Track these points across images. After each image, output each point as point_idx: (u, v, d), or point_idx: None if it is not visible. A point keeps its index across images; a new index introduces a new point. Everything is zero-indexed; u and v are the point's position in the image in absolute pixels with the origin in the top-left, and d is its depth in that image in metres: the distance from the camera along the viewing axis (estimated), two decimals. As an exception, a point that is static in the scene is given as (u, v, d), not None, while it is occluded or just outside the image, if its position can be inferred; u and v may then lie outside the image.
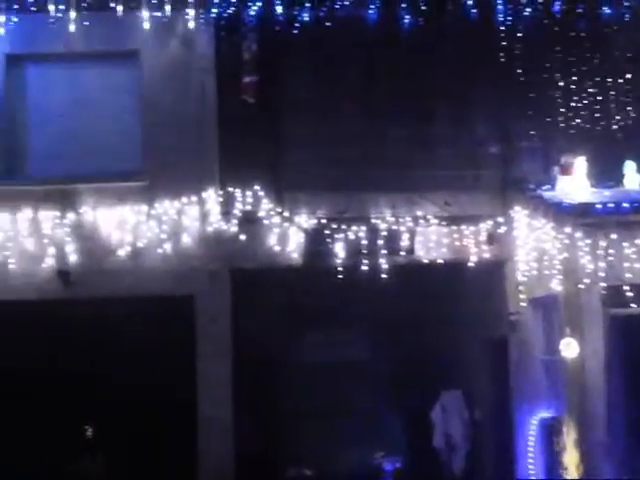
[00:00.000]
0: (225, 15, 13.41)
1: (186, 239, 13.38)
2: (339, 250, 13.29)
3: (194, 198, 13.41)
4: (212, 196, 13.41)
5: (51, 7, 13.13)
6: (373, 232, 13.27)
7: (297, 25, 13.45)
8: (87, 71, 13.70)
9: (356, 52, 13.68)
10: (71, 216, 13.36)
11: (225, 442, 13.08)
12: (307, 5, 13.43)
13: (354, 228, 13.30)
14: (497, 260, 13.60)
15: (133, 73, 13.63)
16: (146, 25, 13.32)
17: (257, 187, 13.40)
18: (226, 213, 13.38)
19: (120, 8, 13.27)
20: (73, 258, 13.29)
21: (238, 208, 13.40)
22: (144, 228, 13.34)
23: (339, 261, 13.25)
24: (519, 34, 13.64)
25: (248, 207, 13.38)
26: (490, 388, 14.46)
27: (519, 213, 13.27)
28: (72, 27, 13.19)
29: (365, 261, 13.20)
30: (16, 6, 13.06)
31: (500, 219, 13.49)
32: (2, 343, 13.11)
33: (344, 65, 13.69)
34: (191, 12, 13.37)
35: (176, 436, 13.22)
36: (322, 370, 14.49)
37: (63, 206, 13.33)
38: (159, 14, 13.29)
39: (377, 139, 13.56)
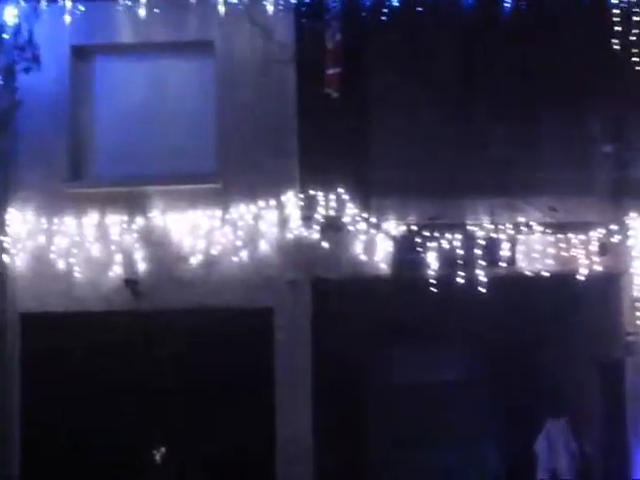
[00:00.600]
0: (306, 1, 12.90)
1: (264, 246, 12.89)
2: (432, 260, 12.72)
3: (272, 202, 12.93)
4: (292, 200, 12.92)
5: (120, -7, 12.86)
6: (469, 240, 12.71)
7: (385, 11, 12.75)
8: (157, 63, 13.34)
9: (451, 41, 13.12)
10: (140, 221, 12.97)
11: (305, 468, 12.49)
12: (395, -11, 12.93)
13: (448, 236, 12.73)
14: (610, 273, 12.86)
15: (207, 65, 13.22)
16: (221, 13, 12.82)
17: (341, 190, 12.87)
18: (307, 218, 12.89)
19: (193, -6, 12.96)
20: (142, 266, 12.90)
21: (320, 213, 12.89)
22: (218, 234, 12.87)
23: (432, 272, 12.68)
24: (636, 18, 12.65)
25: (331, 212, 12.87)
26: (602, 417, 13.54)
27: (635, 220, 12.66)
28: (142, 15, 12.79)
29: (461, 272, 12.60)
30: (83, -7, 12.81)
31: (613, 227, 12.78)
32: (68, 356, 12.75)
33: (438, 56, 13.11)
34: (270, -2, 13.01)
35: (252, 460, 12.65)
36: (411, 391, 13.89)
37: (131, 210, 12.96)
38: (235, 1, 12.78)
39: (474, 137, 12.96)
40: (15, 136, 12.94)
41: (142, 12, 12.76)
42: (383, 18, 12.74)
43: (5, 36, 12.69)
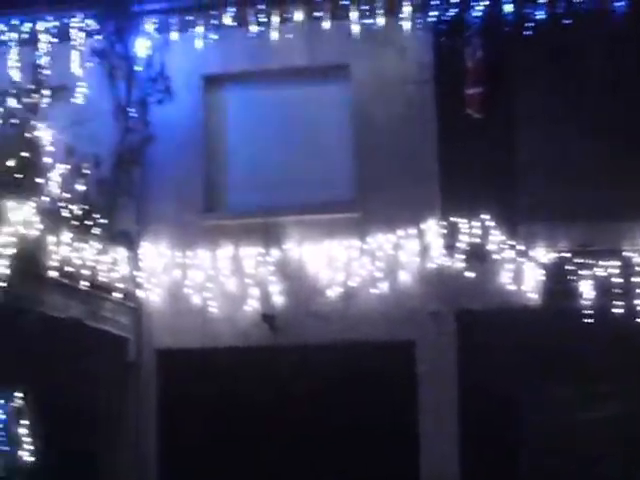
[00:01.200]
0: (445, 18, 12.45)
1: (404, 277, 12.52)
2: (585, 289, 12.04)
3: (412, 230, 12.55)
4: (433, 228, 12.53)
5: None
6: (627, 267, 12.01)
7: (530, 25, 12.19)
8: (290, 90, 13.16)
9: (602, 54, 12.36)
10: (275, 252, 12.74)
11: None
12: (541, 1, 12.10)
13: (603, 263, 12.03)
14: None
15: (342, 90, 13.02)
16: (356, 35, 12.59)
17: (485, 216, 12.36)
18: (450, 247, 12.46)
19: (327, 17, 12.60)
20: (278, 300, 12.65)
21: (464, 241, 12.42)
22: (356, 265, 12.59)
23: (585, 302, 11.99)
24: None
25: (475, 240, 12.38)
26: None
27: None
28: (274, 41, 12.68)
29: (617, 302, 11.86)
30: (214, 21, 12.56)
31: None
32: (204, 393, 12.59)
33: (588, 71, 12.44)
34: (406, 17, 12.50)
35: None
36: (565, 429, 12.80)
37: (266, 241, 12.73)
38: (370, 21, 12.51)
39: (630, 157, 12.22)
40: (148, 168, 12.91)
41: (274, 38, 12.62)
42: (528, 33, 12.17)
43: (138, 68, 12.76)
